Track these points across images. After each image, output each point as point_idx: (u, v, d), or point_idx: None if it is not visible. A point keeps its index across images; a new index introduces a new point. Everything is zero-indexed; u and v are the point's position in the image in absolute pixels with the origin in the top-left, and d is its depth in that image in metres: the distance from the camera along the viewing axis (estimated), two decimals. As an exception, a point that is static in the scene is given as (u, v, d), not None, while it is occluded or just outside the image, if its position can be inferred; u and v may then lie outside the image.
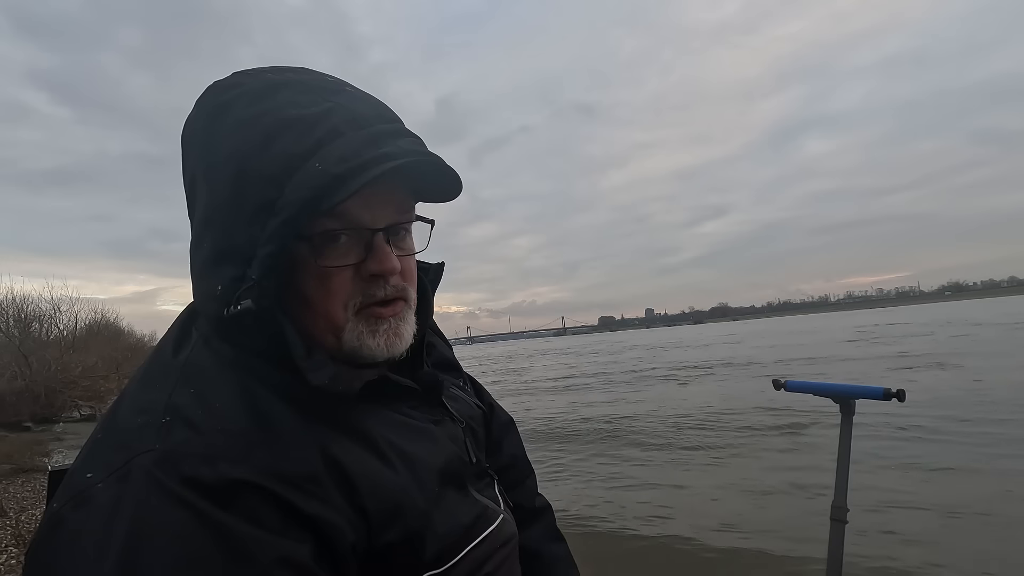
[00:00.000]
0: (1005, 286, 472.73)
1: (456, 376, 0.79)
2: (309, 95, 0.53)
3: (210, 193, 0.53)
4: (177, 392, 0.49)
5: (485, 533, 0.61)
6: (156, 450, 0.44)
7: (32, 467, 8.35)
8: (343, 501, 0.49)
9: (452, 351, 0.81)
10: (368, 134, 0.53)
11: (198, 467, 0.43)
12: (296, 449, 0.48)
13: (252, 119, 0.51)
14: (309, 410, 0.52)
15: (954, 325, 29.37)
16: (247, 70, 0.56)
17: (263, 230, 0.50)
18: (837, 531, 1.57)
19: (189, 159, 0.56)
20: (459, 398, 0.73)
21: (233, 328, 0.52)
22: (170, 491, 0.42)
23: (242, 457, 0.45)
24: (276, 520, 0.44)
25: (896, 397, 1.48)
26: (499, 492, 0.71)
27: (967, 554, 3.49)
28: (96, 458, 0.46)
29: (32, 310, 19.72)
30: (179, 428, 0.46)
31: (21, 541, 4.75)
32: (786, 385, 1.77)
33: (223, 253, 0.52)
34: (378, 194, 0.55)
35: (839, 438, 1.62)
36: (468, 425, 0.70)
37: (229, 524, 0.42)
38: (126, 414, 0.49)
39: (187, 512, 0.41)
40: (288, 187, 0.49)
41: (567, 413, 10.63)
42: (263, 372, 0.52)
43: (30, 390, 15.08)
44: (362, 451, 0.53)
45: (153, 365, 0.54)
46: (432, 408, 0.65)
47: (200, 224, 0.55)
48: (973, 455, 5.45)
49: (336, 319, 0.55)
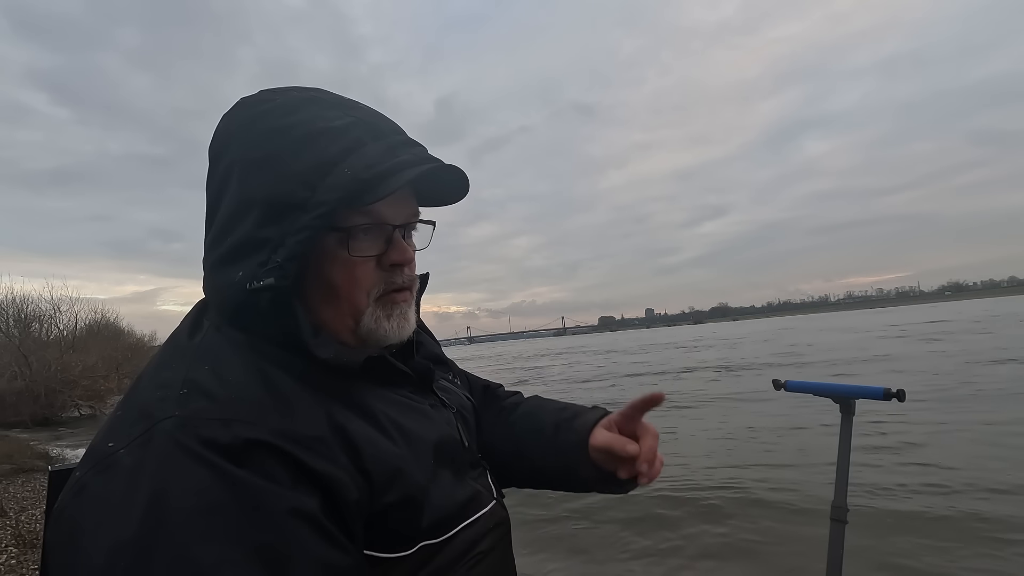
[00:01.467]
0: (1005, 286, 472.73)
1: (445, 370, 0.83)
2: (333, 110, 0.60)
3: (242, 191, 0.58)
4: (193, 369, 0.53)
5: (478, 514, 0.65)
6: (176, 416, 0.48)
7: (32, 467, 8.36)
8: (347, 461, 0.53)
9: (440, 348, 0.86)
10: (386, 144, 0.61)
11: (216, 430, 0.47)
12: (304, 413, 0.53)
13: (286, 128, 0.58)
14: (315, 386, 0.56)
15: (1003, 320, 27.86)
16: (274, 88, 0.63)
17: (293, 224, 0.56)
18: (837, 531, 1.57)
19: (221, 162, 0.61)
20: (449, 389, 0.77)
21: (246, 313, 0.57)
22: (190, 450, 0.45)
23: (255, 420, 0.49)
24: (287, 476, 0.48)
25: (896, 397, 1.47)
26: (491, 482, 0.74)
27: (968, 554, 3.49)
28: (117, 430, 0.49)
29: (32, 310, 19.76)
30: (196, 397, 0.50)
31: (21, 541, 4.75)
32: (786, 385, 1.77)
33: (251, 245, 0.57)
34: (399, 196, 0.62)
35: (839, 438, 1.62)
36: (459, 412, 0.74)
37: (245, 479, 0.45)
38: (144, 391, 0.53)
39: (207, 469, 0.45)
40: (320, 188, 0.56)
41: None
42: (272, 353, 0.57)
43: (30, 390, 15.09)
44: (364, 422, 0.57)
45: (168, 349, 0.58)
46: (425, 395, 0.70)
47: (226, 218, 0.59)
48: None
49: (359, 304, 0.61)
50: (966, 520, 3.98)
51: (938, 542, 3.68)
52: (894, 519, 4.08)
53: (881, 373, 12.42)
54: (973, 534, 3.75)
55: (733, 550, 3.91)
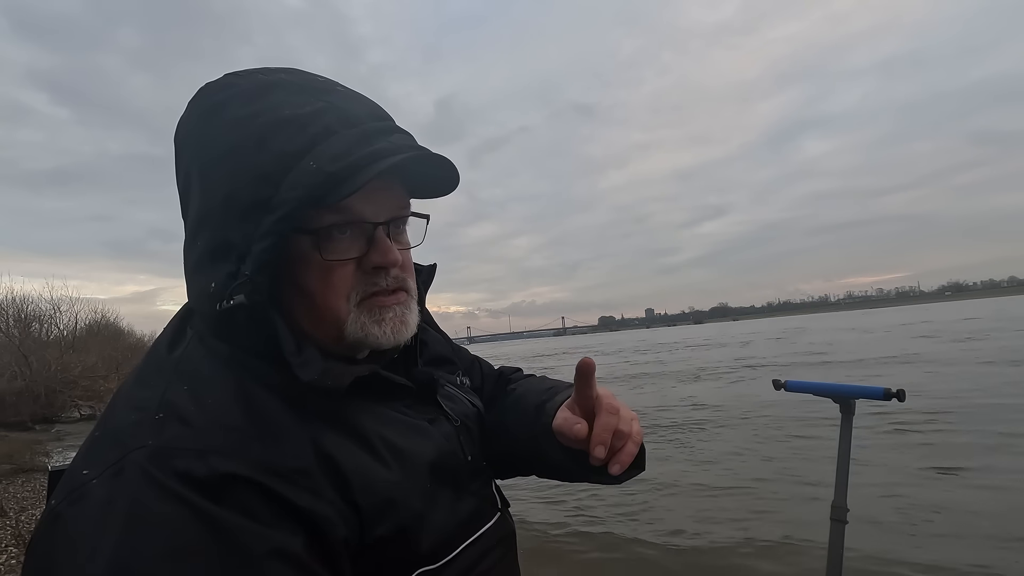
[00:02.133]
0: (1005, 286, 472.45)
1: (451, 371, 0.78)
2: (301, 95, 0.54)
3: (204, 191, 0.54)
4: (171, 389, 0.50)
5: (481, 531, 0.61)
6: (149, 446, 0.45)
7: (32, 467, 8.35)
8: (335, 495, 0.49)
9: (447, 344, 0.81)
10: (360, 132, 0.54)
11: (191, 462, 0.44)
12: (288, 444, 0.49)
13: (246, 119, 0.52)
14: (302, 406, 0.52)
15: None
16: (239, 71, 0.57)
17: (257, 227, 0.50)
18: (837, 531, 1.57)
19: (183, 159, 0.57)
20: (454, 397, 0.73)
21: (227, 325, 0.53)
22: (163, 486, 0.42)
23: (234, 451, 0.46)
24: (268, 513, 0.44)
25: (896, 397, 1.47)
26: (495, 490, 0.71)
27: (968, 553, 3.49)
28: (93, 455, 0.47)
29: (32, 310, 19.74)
30: (172, 424, 0.47)
31: (21, 541, 4.75)
32: (786, 385, 1.77)
33: (217, 250, 0.53)
34: (378, 189, 0.56)
35: (839, 438, 1.62)
36: (463, 423, 0.69)
37: (221, 517, 0.42)
38: (121, 412, 0.50)
39: (180, 506, 0.42)
40: (283, 185, 0.50)
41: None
42: (257, 369, 0.53)
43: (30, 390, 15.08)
44: (355, 447, 0.53)
45: (148, 363, 0.55)
46: (426, 407, 0.65)
47: (194, 222, 0.55)
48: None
49: (339, 311, 0.56)
50: (967, 520, 3.98)
51: (939, 542, 3.68)
52: (895, 519, 4.08)
53: (920, 375, 11.13)
54: (973, 534, 3.75)
55: (734, 550, 3.91)
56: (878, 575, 3.32)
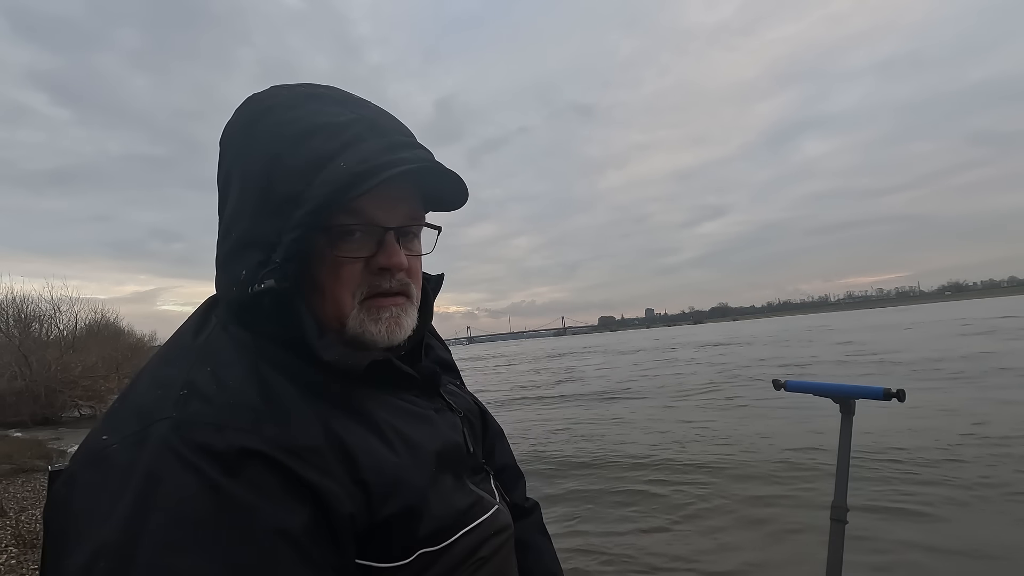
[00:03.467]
0: (1005, 286, 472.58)
1: (454, 377, 0.82)
2: (338, 106, 0.60)
3: (243, 187, 0.59)
4: (194, 370, 0.53)
5: (479, 520, 0.63)
6: (173, 418, 0.48)
7: (32, 467, 8.36)
8: (344, 474, 0.52)
9: (450, 353, 0.85)
10: (387, 142, 0.59)
11: (210, 435, 0.47)
12: (301, 423, 0.52)
13: (287, 122, 0.58)
14: (317, 391, 0.56)
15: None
16: (284, 84, 0.63)
17: (288, 220, 0.55)
18: (837, 531, 1.57)
19: (225, 159, 0.62)
20: (457, 393, 0.77)
21: (252, 312, 0.57)
22: (181, 455, 0.45)
23: (250, 428, 0.49)
24: (278, 488, 0.47)
25: (896, 397, 1.47)
26: (495, 487, 0.73)
27: (968, 553, 3.49)
28: (113, 424, 0.49)
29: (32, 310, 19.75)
30: (195, 401, 0.50)
31: (21, 541, 4.75)
32: (786, 385, 1.77)
33: (250, 241, 0.57)
34: (392, 196, 0.61)
35: (839, 438, 1.62)
36: (466, 416, 0.73)
37: (233, 491, 0.45)
38: (145, 387, 0.53)
39: (196, 477, 0.44)
40: (315, 182, 0.55)
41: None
42: (276, 355, 0.56)
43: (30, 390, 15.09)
44: (364, 430, 0.56)
45: (173, 346, 0.59)
46: (431, 398, 0.69)
47: (230, 217, 0.60)
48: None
49: (343, 305, 0.60)
50: (967, 519, 3.98)
51: (939, 541, 3.68)
52: (895, 519, 4.09)
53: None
54: (974, 533, 3.75)
55: (733, 550, 3.91)
56: (878, 575, 3.33)
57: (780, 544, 3.90)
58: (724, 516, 4.55)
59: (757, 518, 4.42)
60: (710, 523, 4.42)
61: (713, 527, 4.34)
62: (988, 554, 3.46)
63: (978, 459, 5.36)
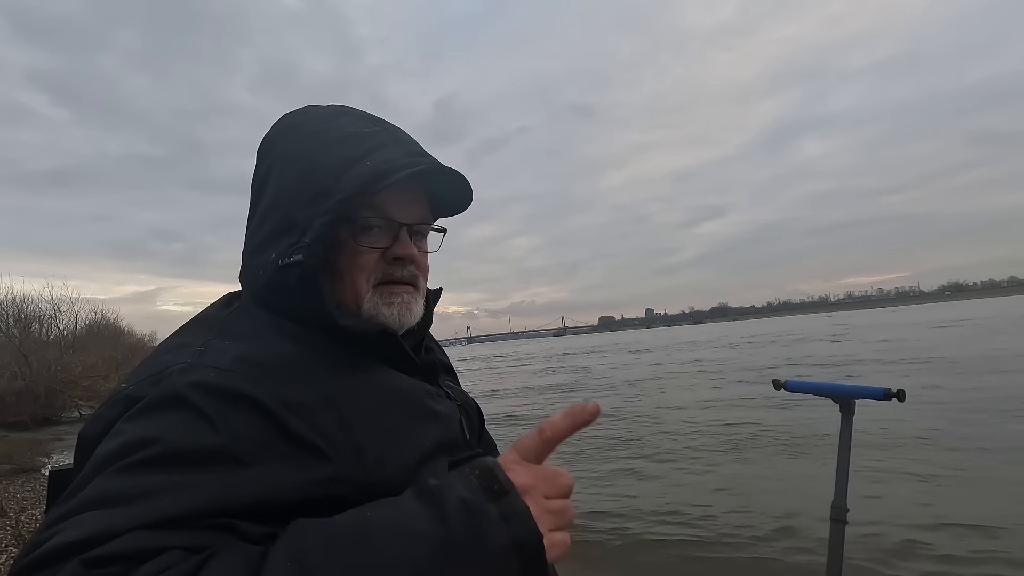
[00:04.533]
0: (1005, 286, 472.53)
1: (451, 379, 0.86)
2: (363, 121, 0.70)
3: (279, 184, 0.66)
4: (215, 336, 0.61)
5: None
6: (187, 363, 0.55)
7: (32, 467, 8.35)
8: (340, 435, 0.56)
9: (447, 357, 0.90)
10: (407, 149, 0.68)
11: (216, 377, 0.53)
12: (304, 385, 0.57)
13: (320, 132, 0.67)
14: (327, 359, 0.61)
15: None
16: (315, 104, 0.72)
17: (319, 209, 0.62)
18: (837, 531, 1.57)
19: (264, 162, 0.70)
20: (455, 388, 0.81)
21: (275, 290, 0.64)
22: (177, 390, 0.51)
23: (256, 379, 0.54)
24: (269, 433, 0.52)
25: (896, 397, 1.47)
26: None
27: (968, 553, 3.49)
28: (135, 375, 0.58)
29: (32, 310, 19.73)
30: (210, 354, 0.57)
31: (21, 541, 4.75)
32: (786, 385, 1.77)
33: (284, 227, 0.64)
34: (408, 197, 0.69)
35: (839, 438, 1.62)
36: (463, 406, 0.77)
37: (228, 425, 0.50)
38: (165, 350, 0.61)
39: (190, 411, 0.50)
40: (344, 178, 0.63)
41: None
42: (292, 330, 0.63)
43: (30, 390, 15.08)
44: (367, 399, 0.61)
45: (197, 321, 0.67)
46: (431, 385, 0.73)
47: (264, 209, 0.67)
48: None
49: (360, 288, 0.67)
50: (968, 520, 3.98)
51: (939, 541, 3.68)
52: (895, 519, 4.08)
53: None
54: (975, 533, 3.75)
55: (733, 550, 3.91)
56: (878, 575, 3.33)
57: (779, 543, 3.89)
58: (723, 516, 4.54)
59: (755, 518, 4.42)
60: (710, 523, 4.42)
61: (713, 527, 4.33)
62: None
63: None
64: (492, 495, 0.46)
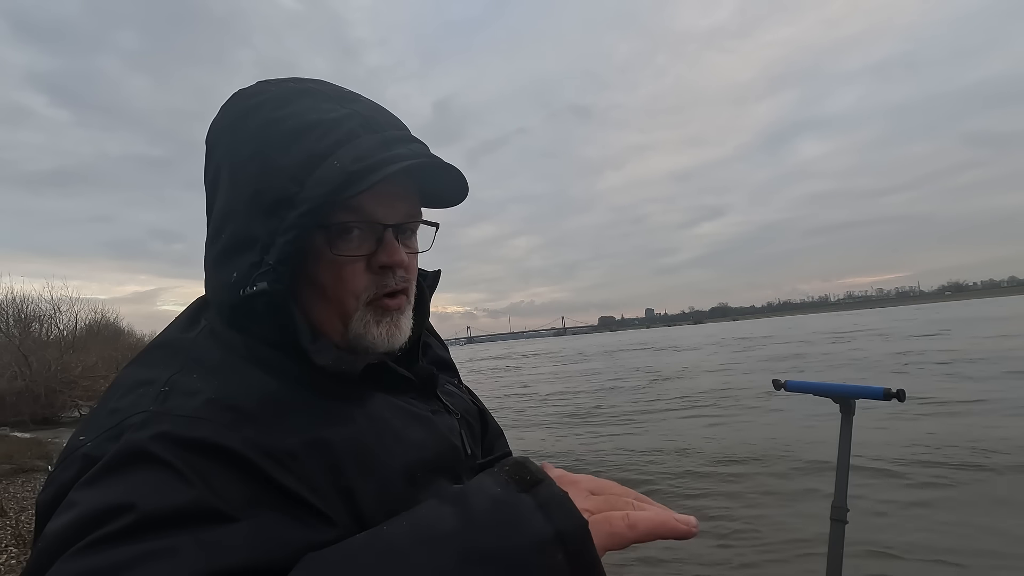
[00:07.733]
0: (1005, 286, 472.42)
1: (452, 376, 0.80)
2: (329, 102, 0.58)
3: (232, 188, 0.56)
4: (179, 370, 0.51)
5: None
6: (149, 411, 0.46)
7: (32, 467, 8.35)
8: (326, 481, 0.49)
9: (448, 352, 0.83)
10: (381, 137, 0.57)
11: (184, 427, 0.45)
12: (285, 427, 0.49)
13: (276, 121, 0.55)
14: (308, 394, 0.54)
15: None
16: (271, 79, 0.60)
17: (282, 222, 0.53)
18: (837, 531, 1.57)
19: (213, 158, 0.59)
20: (454, 394, 0.74)
21: (243, 314, 0.55)
22: (146, 446, 0.43)
23: (229, 425, 0.46)
24: (253, 488, 0.44)
25: (896, 397, 1.47)
26: None
27: (968, 553, 3.49)
28: (91, 424, 0.48)
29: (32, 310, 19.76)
30: (175, 397, 0.48)
31: (21, 541, 4.75)
32: (786, 385, 1.77)
33: (242, 243, 0.55)
34: (390, 193, 0.58)
35: (839, 438, 1.62)
36: (464, 418, 0.71)
37: (205, 480, 0.42)
38: (125, 389, 0.51)
39: (157, 466, 0.42)
40: (308, 182, 0.53)
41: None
42: (267, 358, 0.54)
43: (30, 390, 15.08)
44: (355, 434, 0.54)
45: (157, 347, 0.57)
46: (428, 400, 0.67)
47: (219, 218, 0.57)
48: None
49: (347, 307, 0.58)
50: (967, 520, 3.98)
51: (939, 541, 3.68)
52: (895, 519, 4.08)
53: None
54: (975, 534, 3.75)
55: (732, 550, 3.90)
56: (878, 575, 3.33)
57: (779, 543, 3.89)
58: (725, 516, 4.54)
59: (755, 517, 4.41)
60: (710, 523, 4.42)
61: (713, 525, 4.33)
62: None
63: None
64: (524, 486, 0.41)
